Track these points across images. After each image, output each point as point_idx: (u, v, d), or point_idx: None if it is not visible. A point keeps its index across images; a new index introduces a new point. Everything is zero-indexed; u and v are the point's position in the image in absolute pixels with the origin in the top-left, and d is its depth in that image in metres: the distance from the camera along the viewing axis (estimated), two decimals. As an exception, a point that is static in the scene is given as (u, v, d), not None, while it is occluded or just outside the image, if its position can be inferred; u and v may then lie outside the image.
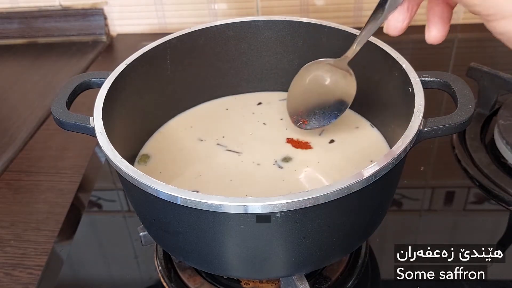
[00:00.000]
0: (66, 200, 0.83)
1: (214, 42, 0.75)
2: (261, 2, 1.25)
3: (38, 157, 0.95)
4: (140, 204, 0.58)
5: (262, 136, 0.73)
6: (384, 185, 0.55)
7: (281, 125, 0.74)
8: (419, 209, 0.78)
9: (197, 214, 0.50)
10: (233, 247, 0.54)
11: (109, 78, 0.64)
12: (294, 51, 0.76)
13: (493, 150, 0.84)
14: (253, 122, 0.76)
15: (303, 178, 0.66)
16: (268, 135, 0.73)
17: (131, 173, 0.51)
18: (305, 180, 0.66)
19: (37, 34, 1.32)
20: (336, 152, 0.69)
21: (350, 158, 0.68)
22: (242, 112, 0.78)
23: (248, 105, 0.79)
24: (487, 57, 1.15)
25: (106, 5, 1.30)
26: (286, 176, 0.66)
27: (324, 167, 0.67)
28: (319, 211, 0.49)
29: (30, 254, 0.76)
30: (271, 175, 0.66)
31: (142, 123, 0.72)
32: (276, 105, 0.78)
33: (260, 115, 0.77)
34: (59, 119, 0.59)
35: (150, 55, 0.70)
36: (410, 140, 0.52)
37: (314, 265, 0.60)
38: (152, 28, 1.31)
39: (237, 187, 0.65)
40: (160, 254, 0.71)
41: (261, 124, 0.75)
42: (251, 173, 0.67)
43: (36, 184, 0.88)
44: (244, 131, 0.74)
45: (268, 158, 0.69)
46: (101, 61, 1.24)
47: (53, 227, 0.79)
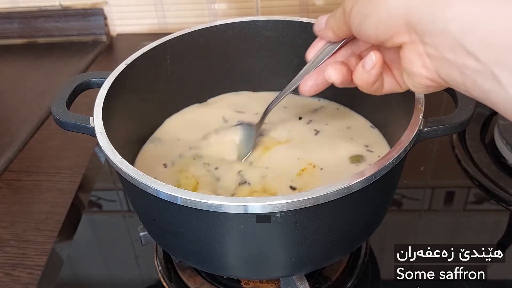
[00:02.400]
0: (66, 200, 0.83)
1: (214, 42, 0.75)
2: (261, 2, 1.25)
3: (38, 157, 0.95)
4: (140, 204, 0.58)
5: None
6: (384, 185, 0.55)
7: (282, 124, 0.74)
8: (419, 209, 0.78)
9: (197, 214, 0.50)
10: (233, 247, 0.54)
11: (109, 78, 0.64)
12: (294, 51, 0.76)
13: (493, 150, 0.84)
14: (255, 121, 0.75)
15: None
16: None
17: (131, 173, 0.51)
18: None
19: (37, 34, 1.32)
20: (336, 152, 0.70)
21: (350, 158, 0.68)
22: (242, 111, 0.78)
23: (249, 104, 0.79)
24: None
25: (106, 5, 1.30)
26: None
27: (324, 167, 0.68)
28: (319, 211, 0.49)
29: (30, 254, 0.75)
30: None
31: (141, 122, 0.72)
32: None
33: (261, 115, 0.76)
34: (59, 119, 0.59)
35: (150, 55, 0.70)
36: (410, 140, 0.52)
37: (314, 265, 0.60)
38: (152, 28, 1.31)
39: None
40: (160, 254, 0.71)
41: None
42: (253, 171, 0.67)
43: (36, 184, 0.88)
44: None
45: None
46: (101, 61, 1.24)
47: (53, 227, 0.79)
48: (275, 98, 0.65)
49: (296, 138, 0.72)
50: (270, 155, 0.69)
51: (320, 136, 0.72)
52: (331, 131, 0.73)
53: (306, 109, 0.77)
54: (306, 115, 0.76)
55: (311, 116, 0.76)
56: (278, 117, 0.75)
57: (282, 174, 0.65)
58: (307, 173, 0.65)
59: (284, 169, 0.66)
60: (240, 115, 0.77)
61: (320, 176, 0.65)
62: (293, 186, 0.64)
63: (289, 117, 0.76)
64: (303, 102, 0.78)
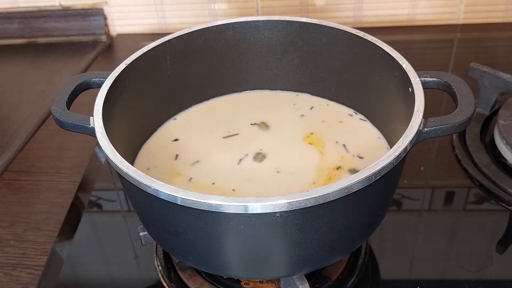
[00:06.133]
0: (66, 200, 0.83)
1: (214, 42, 0.75)
2: (261, 2, 1.25)
3: (38, 157, 0.95)
4: (140, 204, 0.58)
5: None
6: (384, 185, 0.55)
7: (284, 124, 0.75)
8: (419, 209, 0.78)
9: (197, 214, 0.50)
10: (233, 247, 0.54)
11: (109, 78, 0.64)
12: (294, 51, 0.76)
13: (493, 150, 0.84)
14: (255, 121, 0.76)
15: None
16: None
17: (131, 173, 0.51)
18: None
19: (37, 34, 1.32)
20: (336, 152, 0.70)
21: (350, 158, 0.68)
22: (242, 111, 0.78)
23: (249, 104, 0.79)
24: (487, 57, 1.15)
25: (106, 5, 1.30)
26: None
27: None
28: (320, 211, 0.49)
29: (30, 254, 0.75)
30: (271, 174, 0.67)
31: (142, 122, 0.72)
32: (279, 105, 0.79)
33: (261, 115, 0.77)
34: (59, 119, 0.59)
35: (150, 55, 0.70)
36: (410, 140, 0.52)
37: (314, 265, 0.60)
38: (152, 28, 1.31)
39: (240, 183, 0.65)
40: (160, 254, 0.71)
41: (264, 123, 0.75)
42: (253, 172, 0.67)
43: (36, 184, 0.88)
44: (246, 130, 0.74)
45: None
46: (101, 61, 1.24)
47: (53, 227, 0.79)
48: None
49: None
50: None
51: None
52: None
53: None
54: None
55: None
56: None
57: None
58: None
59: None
60: (241, 115, 0.77)
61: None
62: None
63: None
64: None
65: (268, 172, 0.67)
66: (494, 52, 1.20)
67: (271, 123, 0.75)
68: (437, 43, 1.23)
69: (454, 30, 1.25)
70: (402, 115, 0.60)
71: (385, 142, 0.70)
